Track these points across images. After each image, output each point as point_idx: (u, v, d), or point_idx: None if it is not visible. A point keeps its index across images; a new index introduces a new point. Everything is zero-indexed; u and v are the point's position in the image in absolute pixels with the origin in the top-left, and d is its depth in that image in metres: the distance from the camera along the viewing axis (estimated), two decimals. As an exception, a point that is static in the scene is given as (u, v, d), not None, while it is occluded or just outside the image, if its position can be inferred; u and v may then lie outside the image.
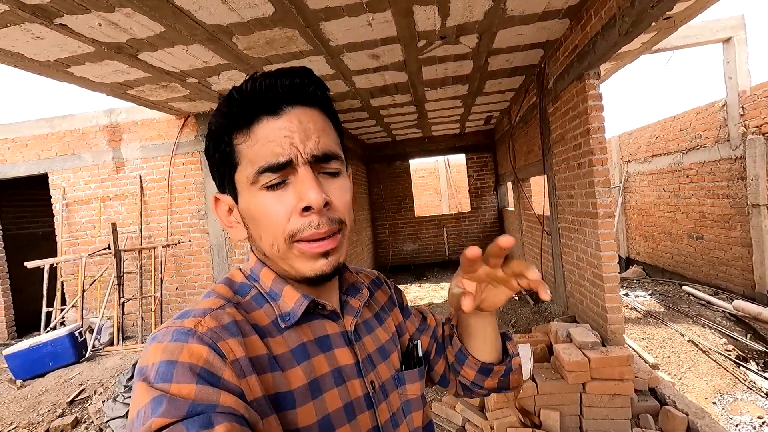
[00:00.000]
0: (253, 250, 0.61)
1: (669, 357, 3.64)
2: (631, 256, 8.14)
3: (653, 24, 3.58)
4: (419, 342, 0.70)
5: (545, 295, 0.54)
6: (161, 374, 0.42)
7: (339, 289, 0.64)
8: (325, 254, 0.53)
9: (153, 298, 5.20)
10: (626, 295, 5.63)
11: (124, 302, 5.11)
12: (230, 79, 4.11)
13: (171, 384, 0.41)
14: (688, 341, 3.91)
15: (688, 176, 6.13)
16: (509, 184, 8.06)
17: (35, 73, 3.44)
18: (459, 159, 12.21)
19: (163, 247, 5.20)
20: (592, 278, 3.69)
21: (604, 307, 3.43)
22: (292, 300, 0.55)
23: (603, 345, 2.74)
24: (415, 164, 12.97)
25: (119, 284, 5.05)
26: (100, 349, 4.91)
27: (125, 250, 5.15)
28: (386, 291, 0.75)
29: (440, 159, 12.98)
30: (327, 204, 0.51)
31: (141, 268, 5.30)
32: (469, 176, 9.02)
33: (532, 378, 2.52)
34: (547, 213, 4.99)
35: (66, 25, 2.74)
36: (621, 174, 8.17)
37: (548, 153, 4.69)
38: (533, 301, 5.34)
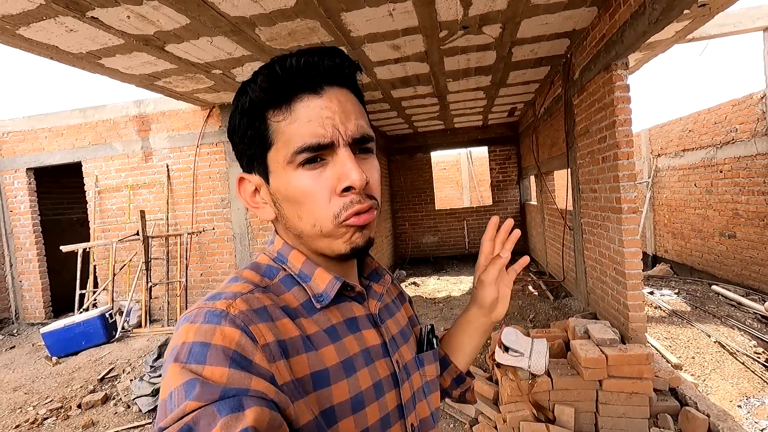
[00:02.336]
0: (278, 232, 0.60)
1: (693, 357, 3.53)
2: (659, 253, 7.88)
3: (686, 12, 3.43)
4: (433, 324, 0.73)
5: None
6: (195, 355, 0.42)
7: (361, 274, 0.66)
8: (361, 228, 0.54)
9: (178, 283, 5.38)
10: (651, 293, 5.47)
11: (151, 287, 5.31)
12: (253, 70, 4.17)
13: (204, 366, 0.41)
14: (715, 342, 3.78)
15: (721, 171, 5.87)
16: (532, 178, 7.91)
17: (69, 64, 3.58)
18: (481, 151, 12.06)
19: (188, 234, 5.37)
20: (615, 275, 3.61)
21: (626, 304, 3.35)
22: (324, 282, 0.56)
23: (623, 343, 2.69)
24: (437, 156, 12.86)
25: (147, 269, 5.25)
26: (129, 331, 5.14)
27: (153, 237, 5.34)
28: (397, 287, 0.76)
29: (462, 151, 12.84)
30: (366, 184, 0.53)
31: (167, 255, 5.49)
32: (491, 169, 8.90)
33: (548, 373, 2.50)
34: (570, 208, 4.89)
35: (97, 18, 2.84)
36: (650, 168, 7.90)
37: (572, 146, 4.58)
38: (553, 297, 5.26)
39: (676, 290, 5.53)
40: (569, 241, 5.07)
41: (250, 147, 0.55)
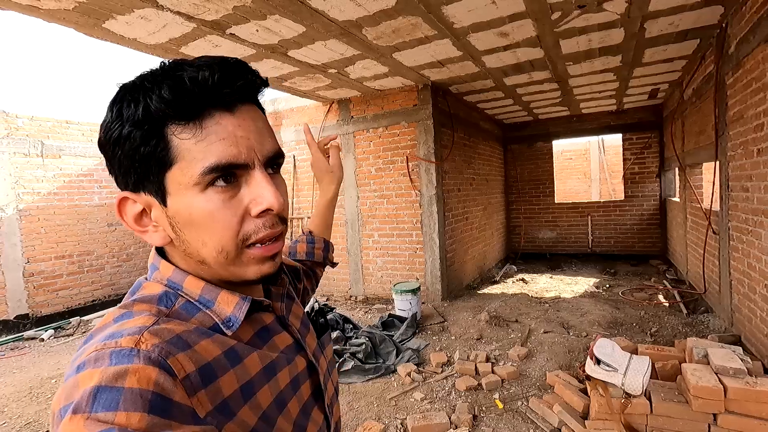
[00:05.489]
0: (166, 258, 0.54)
1: None
2: None
3: None
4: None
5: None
6: (103, 402, 0.36)
7: None
8: (273, 257, 0.53)
9: (299, 261, 6.09)
10: (836, 320, 4.30)
11: (278, 262, 6.12)
12: (364, 68, 4.44)
13: (117, 413, 0.36)
14: None
15: None
16: (677, 170, 6.77)
17: (217, 73, 4.30)
18: (616, 140, 10.70)
19: (308, 218, 6.01)
20: (766, 293, 2.96)
21: (777, 330, 2.74)
22: (230, 305, 0.52)
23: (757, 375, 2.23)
24: (562, 145, 11.81)
25: (275, 246, 6.06)
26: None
27: (280, 219, 6.12)
28: (287, 274, 0.77)
29: (593, 139, 11.54)
30: None
31: (292, 235, 6.24)
32: (624, 159, 7.87)
33: (647, 395, 2.22)
34: (716, 207, 4.11)
35: (234, 34, 3.37)
36: None
37: (722, 134, 3.83)
38: (689, 310, 4.51)
39: None
40: (713, 247, 4.27)
41: (142, 164, 0.47)
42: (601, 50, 4.30)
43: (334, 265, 1.04)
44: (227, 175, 0.48)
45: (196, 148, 0.47)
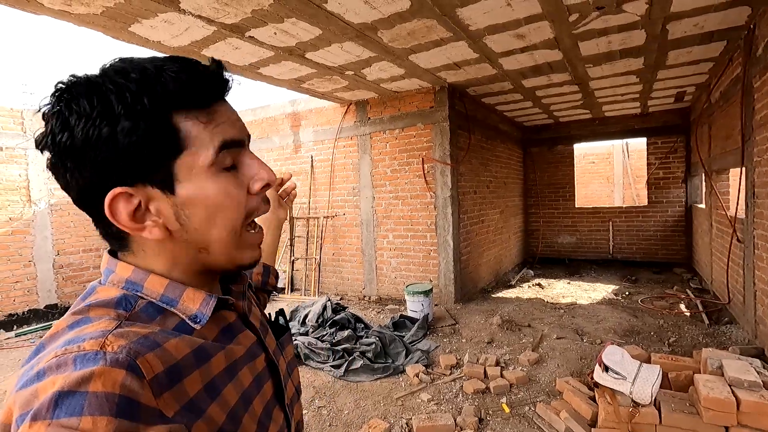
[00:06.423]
0: (124, 259, 0.53)
1: None
2: None
3: None
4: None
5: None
6: (66, 408, 0.35)
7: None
8: (260, 243, 0.58)
9: (314, 259, 6.17)
10: None
11: (293, 260, 6.22)
12: (381, 70, 4.48)
13: (81, 418, 0.35)
14: None
15: None
16: (703, 176, 6.55)
17: (237, 74, 4.41)
18: (641, 143, 10.41)
19: (324, 217, 6.09)
20: (790, 305, 2.85)
21: (801, 343, 2.64)
22: (196, 302, 0.52)
23: (777, 389, 2.15)
24: (585, 148, 11.56)
25: (291, 245, 6.16)
26: (276, 296, 6.13)
27: (297, 218, 6.21)
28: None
29: (616, 143, 11.25)
30: None
31: (308, 234, 6.33)
32: (649, 164, 7.66)
33: (656, 404, 2.17)
34: (741, 215, 3.97)
35: (253, 36, 3.46)
36: None
37: (749, 139, 3.70)
38: (711, 321, 4.37)
39: None
40: (737, 256, 4.12)
41: (149, 155, 0.47)
42: (622, 52, 4.21)
43: (278, 290, 1.01)
44: (231, 153, 0.53)
45: (204, 132, 0.50)
